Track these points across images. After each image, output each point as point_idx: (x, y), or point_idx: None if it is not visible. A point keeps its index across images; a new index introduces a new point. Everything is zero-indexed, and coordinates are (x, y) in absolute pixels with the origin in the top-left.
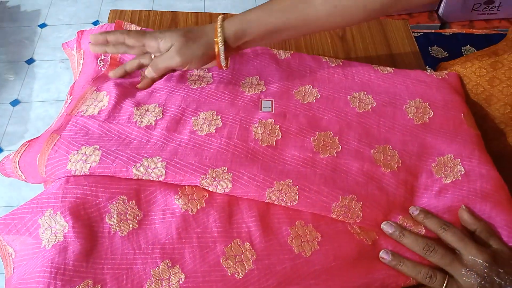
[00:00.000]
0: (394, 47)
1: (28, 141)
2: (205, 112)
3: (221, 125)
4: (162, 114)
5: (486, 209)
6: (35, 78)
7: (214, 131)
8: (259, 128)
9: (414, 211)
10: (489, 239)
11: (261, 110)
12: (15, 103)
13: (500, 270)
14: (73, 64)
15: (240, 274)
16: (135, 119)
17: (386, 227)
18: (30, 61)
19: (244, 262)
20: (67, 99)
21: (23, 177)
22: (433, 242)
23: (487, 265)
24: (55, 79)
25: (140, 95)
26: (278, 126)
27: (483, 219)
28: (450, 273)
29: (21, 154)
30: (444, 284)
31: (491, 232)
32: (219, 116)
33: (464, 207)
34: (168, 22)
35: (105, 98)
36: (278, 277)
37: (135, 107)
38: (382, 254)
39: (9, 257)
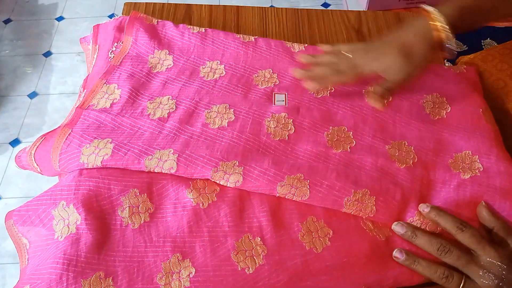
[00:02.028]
0: None
1: (44, 135)
2: (218, 105)
3: (234, 119)
4: (175, 106)
5: (505, 206)
6: (52, 71)
7: (226, 125)
8: (271, 122)
9: (425, 208)
10: (507, 238)
11: (274, 104)
12: (32, 95)
13: None
14: (88, 58)
15: (250, 269)
16: (148, 112)
17: (397, 227)
18: (48, 54)
19: (254, 257)
20: (81, 92)
21: (38, 169)
22: (448, 242)
23: (505, 266)
24: (71, 72)
25: (153, 86)
26: (291, 120)
27: (502, 217)
28: (466, 274)
29: (37, 147)
30: (461, 285)
31: (510, 230)
32: (232, 110)
33: (483, 203)
34: (182, 14)
35: (117, 91)
36: (289, 273)
37: (149, 101)
38: (396, 253)
39: (24, 247)
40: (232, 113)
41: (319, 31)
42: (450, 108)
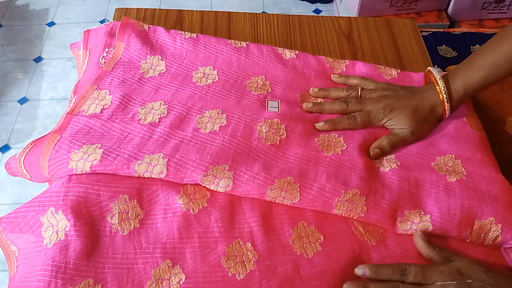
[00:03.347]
0: (401, 46)
1: (34, 141)
2: (211, 111)
3: (226, 124)
4: (167, 112)
5: (499, 209)
6: (43, 76)
7: (218, 129)
8: (264, 127)
9: (359, 272)
10: (447, 260)
11: (267, 110)
12: (23, 101)
13: (468, 280)
14: (79, 64)
15: (241, 275)
16: (139, 117)
17: (359, 272)
18: (38, 59)
19: (245, 263)
20: (72, 98)
21: (28, 176)
22: (398, 282)
23: (455, 282)
24: (62, 78)
25: (145, 91)
26: (283, 126)
27: (439, 245)
28: None
29: (26, 154)
30: None
31: (448, 255)
32: (225, 115)
33: (419, 233)
34: (173, 20)
35: (108, 97)
36: (279, 278)
37: (140, 107)
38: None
39: (13, 255)
40: (225, 118)
41: (310, 37)
42: None
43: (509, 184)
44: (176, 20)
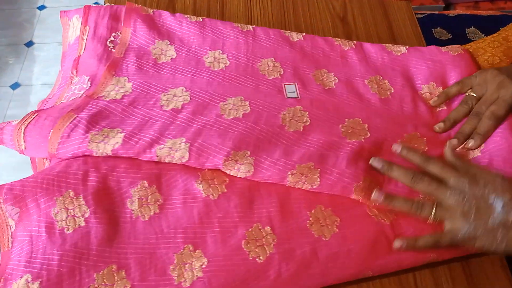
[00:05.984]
0: (396, 29)
1: (36, 111)
2: (233, 98)
3: (250, 111)
4: (190, 98)
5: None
6: (35, 61)
7: (241, 116)
8: (287, 115)
9: (397, 148)
10: (469, 169)
11: (286, 96)
12: (15, 86)
13: (481, 185)
14: (66, 33)
15: (261, 258)
16: (161, 104)
17: (374, 162)
18: (30, 43)
19: (265, 246)
20: (73, 74)
21: (22, 146)
22: (419, 172)
23: (467, 180)
24: (55, 62)
25: (163, 77)
26: (307, 113)
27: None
28: (438, 199)
29: (28, 123)
30: (433, 211)
31: (470, 164)
32: (248, 102)
33: (450, 142)
34: (165, 3)
35: (128, 84)
36: (297, 261)
37: (163, 93)
38: (373, 196)
39: (8, 229)
40: (248, 105)
41: (304, 19)
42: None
43: None
44: (169, 2)
